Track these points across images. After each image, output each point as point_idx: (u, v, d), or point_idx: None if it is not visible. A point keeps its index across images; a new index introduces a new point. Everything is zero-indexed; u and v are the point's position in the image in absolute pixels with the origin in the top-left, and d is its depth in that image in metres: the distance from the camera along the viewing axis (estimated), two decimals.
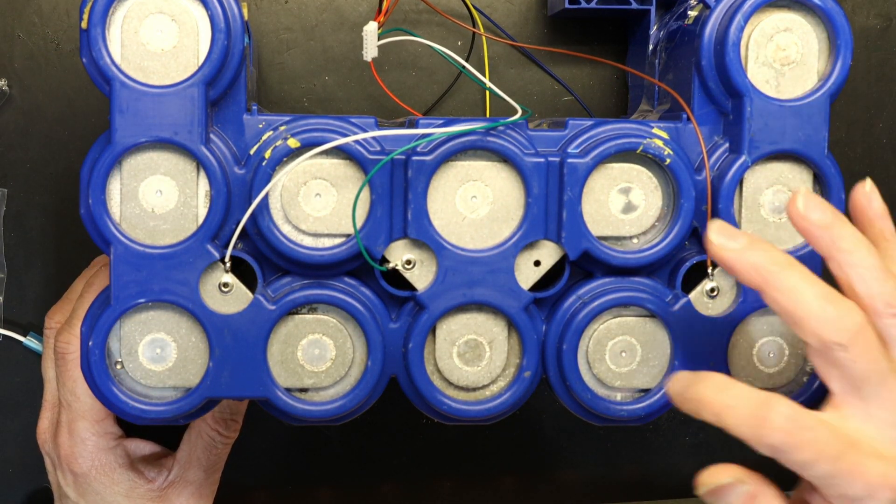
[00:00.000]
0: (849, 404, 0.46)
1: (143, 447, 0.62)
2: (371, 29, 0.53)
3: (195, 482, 0.60)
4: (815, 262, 0.53)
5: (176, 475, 0.60)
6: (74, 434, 0.58)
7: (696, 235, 0.54)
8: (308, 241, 0.52)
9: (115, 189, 0.50)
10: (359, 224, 0.51)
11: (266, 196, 0.50)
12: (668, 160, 0.52)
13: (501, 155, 0.51)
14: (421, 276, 0.52)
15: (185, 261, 0.50)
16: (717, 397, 0.46)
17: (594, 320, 0.53)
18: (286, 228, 0.51)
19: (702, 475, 0.47)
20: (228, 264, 0.51)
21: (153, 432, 0.62)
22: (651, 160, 0.52)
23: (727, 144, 0.53)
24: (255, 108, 0.52)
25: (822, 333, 0.45)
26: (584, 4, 0.59)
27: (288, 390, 0.52)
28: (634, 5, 0.59)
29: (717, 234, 0.46)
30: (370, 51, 0.53)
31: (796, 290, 0.45)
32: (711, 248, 0.46)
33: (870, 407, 0.46)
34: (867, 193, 0.49)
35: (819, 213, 0.46)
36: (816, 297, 0.45)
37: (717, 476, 0.47)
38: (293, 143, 0.50)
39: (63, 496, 0.59)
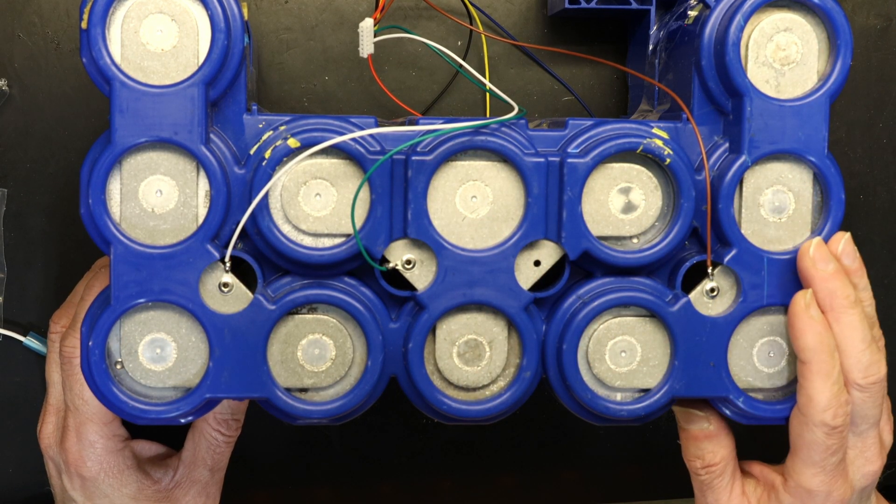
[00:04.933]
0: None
1: (148, 448, 0.62)
2: (367, 25, 0.53)
3: (201, 481, 0.60)
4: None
5: (182, 475, 0.60)
6: (83, 438, 0.58)
7: (696, 235, 0.54)
8: (308, 241, 0.52)
9: (115, 189, 0.50)
10: (359, 224, 0.51)
11: (266, 196, 0.50)
12: (668, 160, 0.52)
13: (501, 155, 0.51)
14: (421, 276, 0.52)
15: (185, 261, 0.50)
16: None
17: (594, 320, 0.53)
18: (286, 228, 0.51)
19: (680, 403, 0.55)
20: (228, 264, 0.51)
21: (157, 433, 0.62)
22: (651, 160, 0.52)
23: (727, 144, 0.53)
24: (255, 108, 0.52)
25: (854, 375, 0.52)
26: (584, 4, 0.59)
27: (288, 390, 0.52)
28: (634, 5, 0.59)
29: (816, 250, 0.52)
30: (366, 47, 0.53)
31: (853, 326, 0.52)
32: (804, 260, 0.52)
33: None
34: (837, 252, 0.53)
35: (824, 264, 0.52)
36: (863, 339, 0.52)
37: (693, 405, 0.55)
38: (293, 142, 0.50)
39: (68, 500, 0.59)
